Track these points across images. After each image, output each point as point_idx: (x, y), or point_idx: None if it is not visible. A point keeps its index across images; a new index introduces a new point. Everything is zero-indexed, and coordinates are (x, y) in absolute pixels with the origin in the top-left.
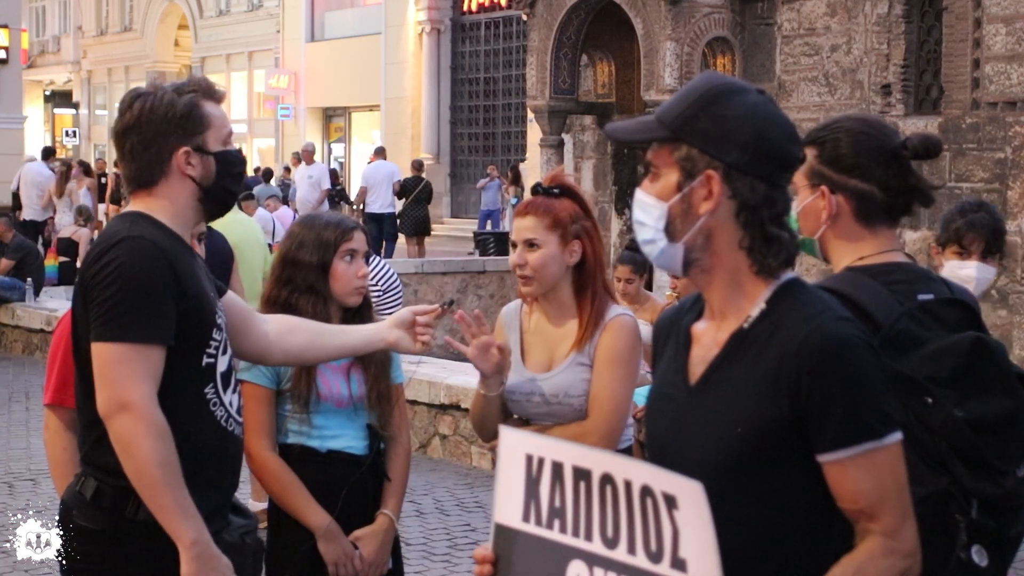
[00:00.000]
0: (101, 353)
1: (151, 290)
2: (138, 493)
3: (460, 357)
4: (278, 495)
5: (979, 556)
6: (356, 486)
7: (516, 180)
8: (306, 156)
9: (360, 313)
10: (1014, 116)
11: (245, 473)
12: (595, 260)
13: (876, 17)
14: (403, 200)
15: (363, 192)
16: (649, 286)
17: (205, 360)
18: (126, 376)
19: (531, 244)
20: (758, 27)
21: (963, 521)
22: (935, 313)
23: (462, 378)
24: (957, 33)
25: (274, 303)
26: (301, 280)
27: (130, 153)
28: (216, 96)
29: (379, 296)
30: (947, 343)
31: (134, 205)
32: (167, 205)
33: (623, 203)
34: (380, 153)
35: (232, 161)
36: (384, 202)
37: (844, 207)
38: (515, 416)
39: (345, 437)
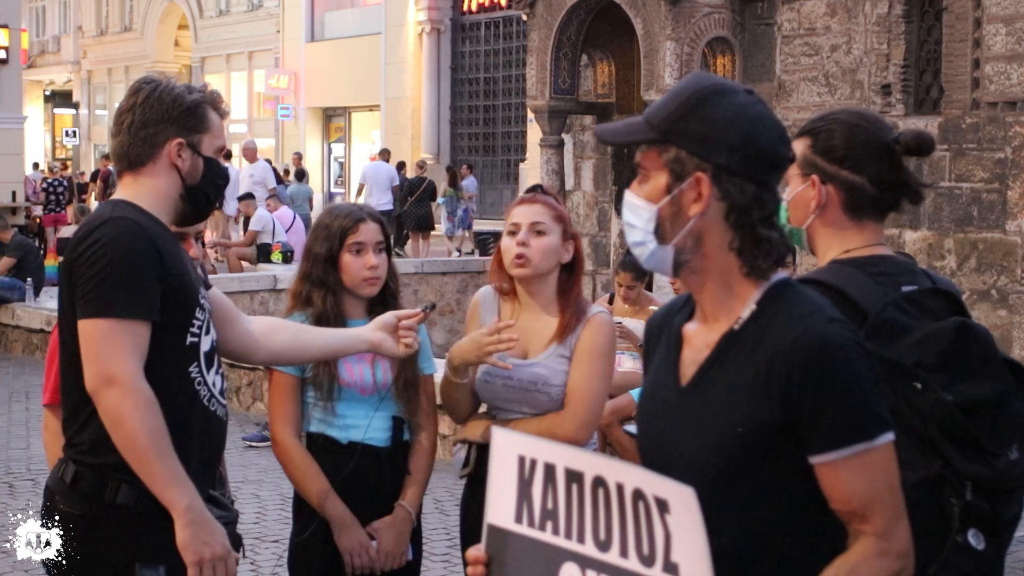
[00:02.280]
0: (87, 329)
1: (135, 267)
2: (130, 465)
3: None
4: (298, 483)
5: (976, 539)
6: (373, 477)
7: (452, 182)
8: (248, 154)
9: (385, 303)
10: (1014, 116)
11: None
12: (581, 265)
13: (876, 17)
14: (409, 199)
15: (360, 189)
16: (649, 287)
17: (189, 339)
18: (113, 351)
19: (538, 230)
20: (758, 27)
21: (958, 504)
22: (920, 303)
23: None
24: (957, 33)
25: (300, 299)
26: (315, 274)
27: (127, 129)
28: (220, 110)
29: None
30: (932, 329)
31: (121, 189)
32: (151, 190)
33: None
34: (384, 154)
35: (219, 172)
36: (382, 201)
37: (833, 198)
38: (483, 404)
39: (367, 428)
